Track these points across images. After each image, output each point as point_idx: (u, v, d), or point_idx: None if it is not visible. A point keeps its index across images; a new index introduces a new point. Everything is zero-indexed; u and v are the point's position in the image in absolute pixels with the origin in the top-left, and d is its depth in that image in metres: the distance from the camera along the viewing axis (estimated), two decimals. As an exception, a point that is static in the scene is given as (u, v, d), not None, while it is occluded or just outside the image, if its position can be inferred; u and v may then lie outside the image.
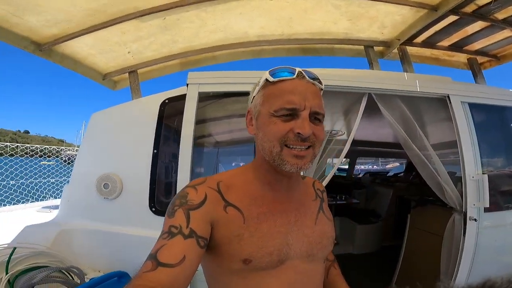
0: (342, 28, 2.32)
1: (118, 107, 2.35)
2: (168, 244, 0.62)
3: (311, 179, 0.98)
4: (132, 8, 1.92)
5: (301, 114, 0.70)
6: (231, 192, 0.77)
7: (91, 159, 2.33)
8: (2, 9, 1.80)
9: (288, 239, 0.75)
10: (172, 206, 0.70)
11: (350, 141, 2.31)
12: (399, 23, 2.27)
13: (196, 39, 2.33)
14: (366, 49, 2.59)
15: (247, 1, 1.91)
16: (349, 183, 5.28)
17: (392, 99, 2.18)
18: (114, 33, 2.14)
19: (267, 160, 0.75)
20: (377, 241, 3.94)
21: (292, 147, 0.70)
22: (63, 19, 1.98)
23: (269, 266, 0.72)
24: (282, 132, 0.70)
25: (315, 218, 0.85)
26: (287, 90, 0.72)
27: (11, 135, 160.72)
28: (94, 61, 2.53)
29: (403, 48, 2.62)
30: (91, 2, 1.82)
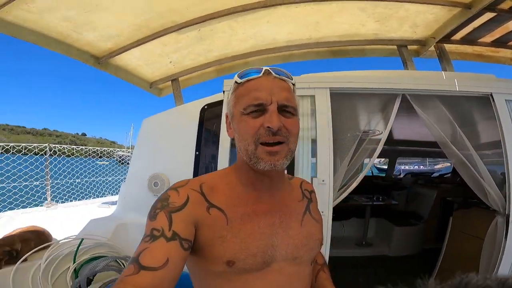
0: (370, 30, 2.33)
1: (164, 113, 2.63)
2: (150, 248, 0.61)
3: (299, 179, 0.96)
4: (171, 22, 2.14)
5: (268, 108, 0.70)
6: (214, 193, 0.76)
7: (143, 160, 2.63)
8: (63, 26, 2.11)
9: (273, 241, 0.75)
10: (153, 209, 0.69)
11: (382, 142, 2.30)
12: (432, 22, 2.22)
13: (229, 47, 2.51)
14: (399, 49, 2.55)
15: (274, 10, 2.03)
16: (388, 184, 5.10)
17: (428, 99, 2.14)
18: (156, 45, 2.40)
19: (246, 161, 0.75)
20: (417, 243, 3.79)
21: (265, 143, 0.70)
22: (114, 34, 2.27)
23: (253, 268, 0.71)
24: (253, 129, 0.70)
25: (301, 220, 0.83)
26: (253, 88, 0.72)
27: (71, 137, 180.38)
28: (142, 71, 2.84)
29: (441, 46, 2.53)
30: (136, 18, 2.07)
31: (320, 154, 2.01)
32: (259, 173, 0.77)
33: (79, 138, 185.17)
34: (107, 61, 2.57)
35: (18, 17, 1.95)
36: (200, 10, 2.01)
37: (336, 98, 2.13)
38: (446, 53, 2.54)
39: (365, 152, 2.54)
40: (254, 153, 0.71)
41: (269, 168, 0.71)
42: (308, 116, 2.13)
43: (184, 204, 0.70)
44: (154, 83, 2.96)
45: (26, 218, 3.09)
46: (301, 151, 2.13)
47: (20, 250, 2.06)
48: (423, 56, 2.67)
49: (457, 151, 2.13)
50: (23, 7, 1.84)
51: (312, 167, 2.10)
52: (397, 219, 4.03)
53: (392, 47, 2.59)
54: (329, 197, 2.04)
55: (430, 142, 4.64)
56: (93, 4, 1.88)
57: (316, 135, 2.05)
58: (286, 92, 0.73)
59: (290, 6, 1.98)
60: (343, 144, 2.32)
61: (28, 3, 1.81)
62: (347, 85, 2.11)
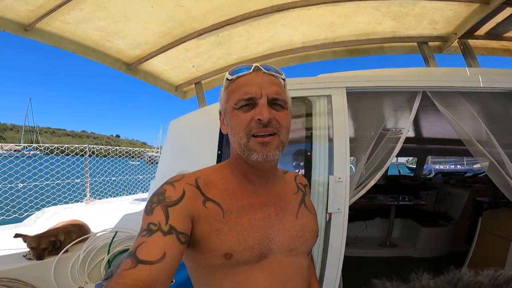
0: (388, 27, 2.32)
1: (189, 115, 2.79)
2: (147, 242, 0.61)
3: (293, 173, 0.98)
4: (191, 29, 2.28)
5: (259, 102, 0.72)
6: (209, 187, 0.77)
7: (170, 158, 2.81)
8: (97, 35, 2.31)
9: (269, 233, 0.76)
10: (150, 203, 0.70)
11: (402, 141, 2.27)
12: (451, 18, 2.18)
13: (247, 50, 2.61)
14: (420, 46, 2.51)
15: (287, 13, 2.10)
16: (416, 183, 4.92)
17: (451, 96, 2.10)
18: (180, 51, 2.56)
19: (239, 154, 0.77)
20: (445, 245, 3.65)
21: (257, 135, 0.72)
22: (142, 42, 2.45)
23: (251, 260, 0.72)
24: (244, 122, 0.72)
25: (296, 212, 0.85)
26: (243, 83, 0.75)
27: (106, 139, 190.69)
28: (168, 75, 3.02)
29: (464, 42, 2.45)
30: (159, 26, 2.23)
31: (336, 152, 2.04)
32: (253, 166, 0.78)
33: (113, 139, 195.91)
34: (137, 67, 2.77)
35: (57, 28, 2.18)
36: (217, 16, 2.12)
37: (353, 97, 2.15)
38: (471, 49, 2.45)
39: (383, 150, 2.52)
40: (247, 145, 0.73)
41: (261, 159, 0.73)
42: (325, 116, 2.17)
43: (180, 198, 0.70)
44: (179, 86, 3.13)
45: (68, 213, 3.40)
46: (318, 149, 2.17)
47: (63, 241, 2.30)
48: (447, 53, 2.59)
49: (483, 149, 2.07)
50: (61, 18, 2.06)
51: (329, 166, 2.14)
52: (424, 220, 3.91)
53: (412, 44, 2.54)
54: (345, 195, 2.06)
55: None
56: (121, 15, 2.06)
57: (333, 134, 2.08)
58: (275, 86, 0.76)
59: (303, 9, 2.04)
60: (361, 142, 2.33)
61: (65, 15, 2.02)
62: (364, 84, 2.12)
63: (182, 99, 3.33)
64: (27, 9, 1.92)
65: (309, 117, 2.22)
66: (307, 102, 2.23)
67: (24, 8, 1.90)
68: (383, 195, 4.11)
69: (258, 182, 0.81)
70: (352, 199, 2.14)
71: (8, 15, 1.95)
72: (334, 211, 2.00)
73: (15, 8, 1.89)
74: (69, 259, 2.22)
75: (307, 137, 2.27)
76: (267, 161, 0.74)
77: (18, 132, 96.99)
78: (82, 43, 2.38)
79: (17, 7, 1.89)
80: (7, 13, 1.93)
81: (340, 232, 2.02)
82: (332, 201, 2.00)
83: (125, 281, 0.55)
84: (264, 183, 0.82)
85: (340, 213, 2.01)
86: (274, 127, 0.73)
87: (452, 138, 4.56)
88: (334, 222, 2.00)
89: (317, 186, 2.06)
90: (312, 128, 2.18)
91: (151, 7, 1.96)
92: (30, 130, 69.46)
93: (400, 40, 2.49)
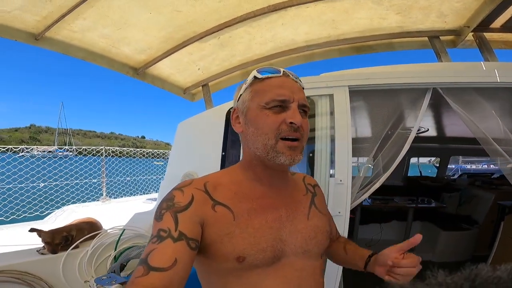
0: (394, 22, 2.21)
1: (196, 117, 2.83)
2: (158, 248, 0.61)
3: (302, 175, 0.98)
4: (192, 33, 2.31)
5: (291, 105, 0.73)
6: (218, 191, 0.76)
7: (178, 159, 2.86)
8: (103, 42, 2.40)
9: (281, 235, 0.75)
10: (159, 209, 0.70)
11: (410, 140, 2.18)
12: (461, 10, 2.05)
13: (249, 51, 2.60)
14: (431, 40, 2.37)
15: (285, 12, 2.06)
16: (438, 185, 4.67)
17: (465, 92, 1.99)
18: (184, 54, 2.59)
19: (258, 155, 0.76)
20: (467, 249, 3.44)
21: (286, 138, 0.72)
22: (146, 47, 2.51)
23: (264, 263, 0.71)
24: (275, 123, 0.72)
25: (308, 213, 0.84)
26: (276, 85, 0.75)
27: (132, 140, 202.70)
28: (175, 79, 3.08)
29: (480, 35, 2.30)
30: (160, 31, 2.28)
31: (338, 153, 1.99)
32: (269, 168, 0.79)
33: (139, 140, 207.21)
34: (144, 72, 2.85)
35: (66, 36, 2.27)
36: (215, 19, 2.13)
37: (357, 95, 2.09)
38: (487, 42, 2.29)
39: (389, 151, 2.43)
40: (274, 147, 0.73)
41: (288, 162, 0.73)
42: (327, 116, 2.12)
43: (189, 203, 0.70)
44: (187, 89, 3.18)
45: (85, 211, 3.57)
46: (319, 150, 2.13)
47: (75, 237, 2.41)
48: (462, 47, 2.44)
49: (499, 148, 1.95)
50: (67, 27, 2.15)
51: (330, 167, 2.09)
52: (445, 223, 3.72)
53: (423, 39, 2.41)
54: (346, 198, 2.00)
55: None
56: (122, 22, 2.12)
57: (334, 134, 2.03)
58: (303, 93, 0.78)
59: (300, 7, 1.99)
60: (366, 143, 2.26)
61: (70, 24, 2.11)
62: (367, 82, 2.05)
63: (191, 101, 3.37)
64: (34, 20, 2.02)
65: (311, 117, 2.17)
66: (310, 102, 2.18)
67: (31, 18, 2.00)
68: (399, 197, 3.94)
69: (269, 184, 0.81)
70: (355, 202, 2.07)
71: (18, 25, 2.06)
72: (335, 214, 1.94)
73: (23, 19, 2.00)
74: (78, 254, 2.31)
75: (310, 138, 2.22)
76: (292, 164, 0.74)
77: (52, 134, 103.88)
78: (90, 50, 2.48)
79: (24, 18, 1.99)
80: (16, 24, 2.04)
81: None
82: (332, 204, 1.95)
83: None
84: (274, 185, 0.82)
85: (341, 217, 1.96)
86: (301, 133, 0.74)
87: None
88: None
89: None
90: (314, 129, 2.14)
91: (149, 13, 2.00)
92: (63, 132, 74.55)
93: (409, 35, 2.37)
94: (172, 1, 1.94)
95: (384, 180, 2.11)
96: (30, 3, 1.87)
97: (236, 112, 0.83)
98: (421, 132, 4.06)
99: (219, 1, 1.94)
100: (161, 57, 2.61)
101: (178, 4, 1.96)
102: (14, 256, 2.13)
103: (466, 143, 4.57)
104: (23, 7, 1.90)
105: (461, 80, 1.91)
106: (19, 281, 1.99)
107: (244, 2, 1.96)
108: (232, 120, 0.85)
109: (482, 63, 2.18)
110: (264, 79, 0.77)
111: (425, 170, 6.06)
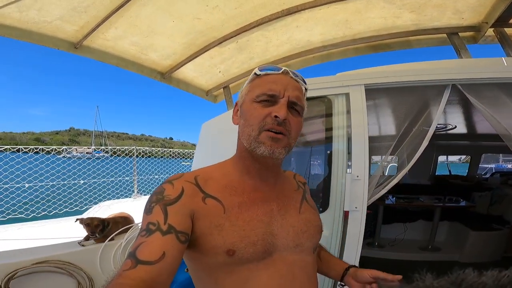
0: (408, 20, 2.22)
1: (218, 117, 2.97)
2: (147, 242, 0.61)
3: (292, 172, 0.98)
4: (212, 38, 2.46)
5: (280, 100, 0.73)
6: (209, 184, 0.76)
7: (202, 158, 3.02)
8: (133, 49, 2.62)
9: (272, 229, 0.75)
10: (149, 203, 0.69)
11: (428, 137, 2.17)
12: (477, 7, 2.04)
13: (267, 53, 2.71)
14: (450, 37, 2.35)
15: (299, 15, 2.15)
16: (469, 184, 4.48)
17: (486, 88, 1.97)
18: (205, 58, 2.75)
19: (246, 147, 0.76)
20: (497, 250, 3.29)
21: (269, 130, 0.72)
22: (171, 53, 2.71)
23: (255, 257, 0.70)
24: (260, 115, 0.73)
25: (299, 207, 0.85)
26: (270, 81, 0.76)
27: (161, 141, 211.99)
28: (198, 82, 3.25)
29: (500, 31, 2.25)
30: (183, 38, 2.45)
31: (355, 150, 2.02)
32: (256, 161, 0.78)
33: (167, 141, 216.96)
34: (170, 76, 3.04)
35: (101, 45, 2.51)
36: (233, 25, 2.27)
37: (374, 93, 2.12)
38: (508, 37, 2.24)
39: (408, 148, 2.42)
40: (257, 138, 0.73)
41: (267, 153, 0.72)
42: (343, 114, 2.17)
43: (179, 196, 0.69)
44: (209, 91, 3.35)
45: (118, 206, 3.84)
46: (337, 148, 2.18)
47: (111, 229, 2.63)
48: (483, 43, 2.39)
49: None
50: (101, 36, 2.38)
51: (348, 164, 2.13)
52: (475, 223, 3.57)
53: (442, 35, 2.39)
54: (363, 194, 2.03)
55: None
56: (149, 31, 2.32)
57: (351, 132, 2.07)
58: (298, 91, 0.77)
59: (314, 10, 2.07)
60: (383, 140, 2.28)
61: (104, 33, 2.33)
62: (383, 80, 2.07)
63: (214, 103, 3.54)
64: (73, 29, 2.25)
65: (329, 116, 2.22)
66: (327, 101, 2.24)
67: (70, 28, 2.24)
68: (425, 196, 3.85)
69: (260, 178, 0.81)
70: (372, 199, 2.10)
71: (59, 35, 2.31)
72: (352, 209, 1.99)
73: (63, 28, 2.23)
74: (113, 246, 2.53)
75: (327, 137, 2.27)
76: (272, 157, 0.73)
77: (89, 137, 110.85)
78: (122, 57, 2.71)
79: (64, 28, 2.22)
80: (58, 33, 2.29)
81: (357, 231, 1.98)
82: (349, 199, 1.99)
83: (125, 282, 0.55)
84: (266, 179, 0.82)
85: (357, 212, 1.99)
86: (286, 129, 0.73)
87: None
88: (351, 221, 1.99)
89: (336, 185, 2.06)
90: (332, 127, 2.19)
91: (172, 21, 2.18)
92: (99, 134, 79.30)
93: (425, 32, 2.36)
94: (192, 10, 2.09)
95: (401, 177, 2.12)
96: (68, 13, 2.09)
97: (237, 106, 0.85)
98: (448, 129, 3.94)
99: (236, 8, 2.06)
100: (184, 62, 2.78)
101: (198, 12, 2.11)
102: (58, 247, 2.37)
103: (499, 141, 4.35)
104: (63, 18, 2.12)
105: (481, 76, 1.89)
106: (62, 271, 2.23)
107: (259, 8, 2.07)
108: (233, 113, 0.86)
109: (503, 59, 2.13)
110: (262, 76, 0.78)
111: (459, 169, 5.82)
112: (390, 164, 2.23)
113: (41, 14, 2.07)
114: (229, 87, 3.18)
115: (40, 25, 2.18)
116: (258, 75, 0.79)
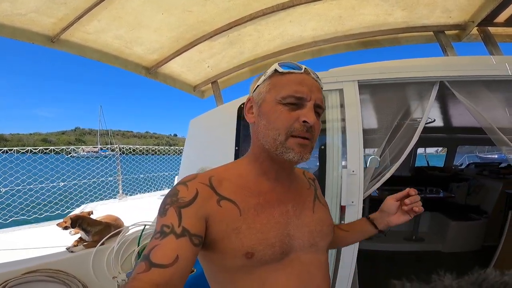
0: (399, 18, 2.26)
1: (207, 113, 2.89)
2: (161, 244, 0.61)
3: (301, 169, 0.98)
4: (202, 32, 2.38)
5: (307, 104, 0.72)
6: (224, 185, 0.74)
7: (192, 155, 2.93)
8: (117, 43, 2.47)
9: (288, 230, 0.75)
10: (163, 205, 0.69)
11: (418, 132, 2.23)
12: (466, 6, 2.10)
13: (258, 48, 2.66)
14: (437, 35, 2.41)
15: (293, 10, 2.12)
16: (446, 175, 4.69)
17: (471, 84, 2.03)
18: (194, 53, 2.66)
19: (267, 149, 0.74)
20: (477, 239, 3.48)
21: (297, 136, 0.71)
22: (158, 47, 2.59)
23: (273, 259, 0.70)
24: (288, 120, 0.71)
25: (312, 207, 0.85)
26: (295, 81, 0.73)
27: (166, 138, 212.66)
28: (186, 77, 3.15)
29: (484, 30, 2.34)
30: (172, 31, 2.35)
31: (350, 145, 2.04)
32: (275, 163, 0.77)
33: (172, 138, 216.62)
34: (156, 71, 2.92)
35: (81, 38, 2.35)
36: (225, 18, 2.20)
37: (366, 89, 2.13)
38: (491, 36, 2.34)
39: (399, 142, 2.47)
40: (284, 143, 0.71)
41: (297, 159, 0.71)
42: (337, 109, 2.18)
43: (193, 198, 0.68)
44: (197, 86, 3.26)
45: (104, 209, 3.69)
46: (331, 143, 2.18)
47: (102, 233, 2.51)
48: (467, 41, 2.47)
49: (505, 137, 2.00)
50: (82, 29, 2.22)
51: (343, 159, 2.15)
52: (454, 213, 3.75)
53: (428, 33, 2.45)
54: (359, 188, 2.06)
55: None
56: (135, 23, 2.19)
57: (345, 127, 2.09)
58: (320, 93, 0.76)
59: (309, 5, 2.05)
60: (376, 135, 2.32)
61: (85, 25, 2.17)
62: (376, 76, 2.10)
63: (201, 98, 3.45)
64: (50, 22, 2.08)
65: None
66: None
67: (47, 21, 2.07)
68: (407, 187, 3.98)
69: (276, 179, 0.80)
70: (367, 192, 2.14)
71: (34, 28, 2.13)
72: (348, 204, 2.01)
73: (39, 21, 2.06)
74: (105, 251, 2.43)
75: (321, 131, 2.27)
76: (299, 162, 0.73)
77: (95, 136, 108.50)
78: (104, 51, 2.56)
79: (41, 20, 2.05)
80: (32, 26, 2.11)
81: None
82: (345, 194, 2.01)
83: (139, 285, 0.55)
84: (281, 180, 0.81)
85: (354, 206, 2.02)
86: (312, 133, 0.73)
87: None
88: (348, 216, 2.01)
89: (331, 180, 2.07)
90: (325, 122, 2.20)
91: (161, 14, 2.08)
92: (104, 133, 78.78)
93: (414, 30, 2.41)
94: (183, 2, 2.00)
95: (394, 170, 2.17)
96: (45, 5, 1.93)
97: (250, 102, 0.81)
98: (428, 122, 4.09)
99: (229, 1, 2.00)
100: (172, 56, 2.68)
101: (189, 4, 2.03)
102: (47, 256, 2.25)
103: (474, 133, 4.58)
104: (39, 10, 1.96)
105: (468, 73, 1.96)
106: (54, 279, 2.11)
107: (253, 1, 2.02)
108: (245, 109, 0.83)
109: (492, 57, 2.22)
110: (284, 74, 0.75)
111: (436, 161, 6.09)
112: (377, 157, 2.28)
113: (14, 7, 1.90)
114: (217, 82, 3.10)
115: (13, 17, 2.00)
116: (280, 73, 0.75)
